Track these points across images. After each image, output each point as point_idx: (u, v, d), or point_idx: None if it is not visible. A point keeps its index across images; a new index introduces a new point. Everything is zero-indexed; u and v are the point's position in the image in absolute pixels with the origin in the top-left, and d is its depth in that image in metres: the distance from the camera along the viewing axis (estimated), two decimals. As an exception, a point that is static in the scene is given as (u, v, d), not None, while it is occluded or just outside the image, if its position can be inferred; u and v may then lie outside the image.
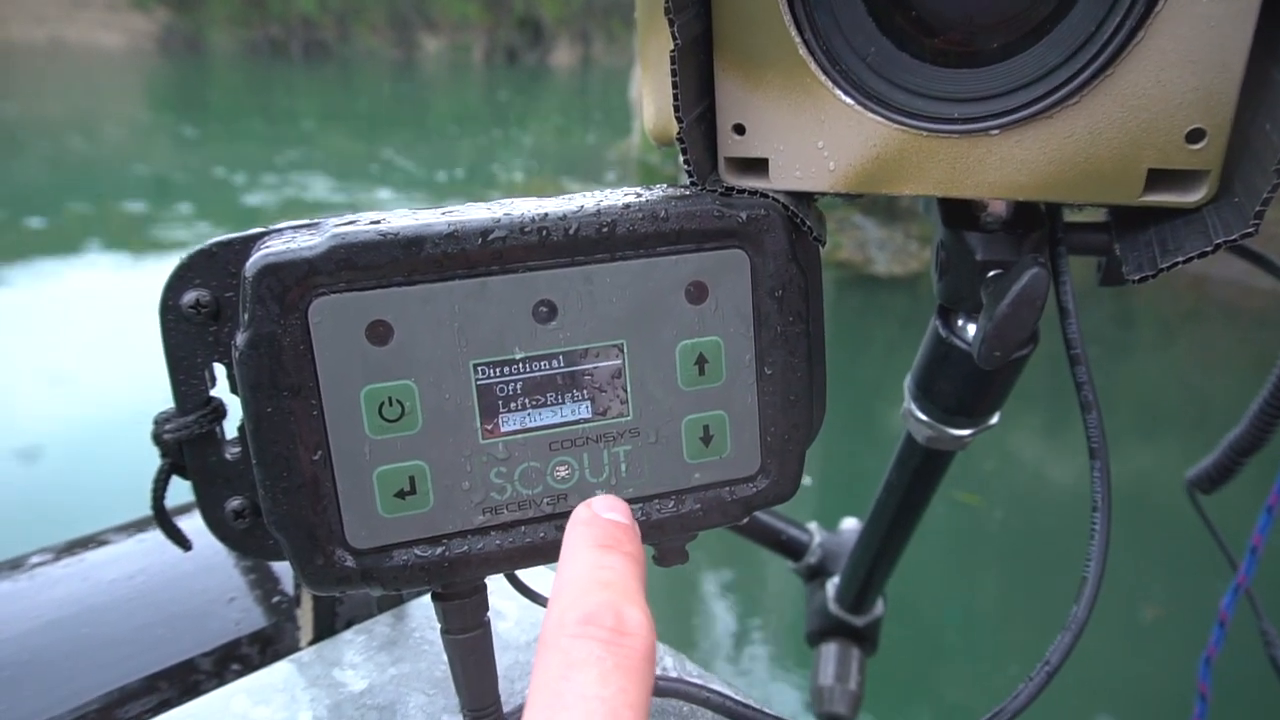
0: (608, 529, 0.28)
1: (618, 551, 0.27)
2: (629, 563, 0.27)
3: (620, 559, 0.27)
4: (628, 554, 0.27)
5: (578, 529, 0.28)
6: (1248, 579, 0.54)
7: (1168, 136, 0.29)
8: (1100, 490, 0.37)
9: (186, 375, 0.32)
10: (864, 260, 5.38)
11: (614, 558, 0.27)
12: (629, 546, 0.27)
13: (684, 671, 0.50)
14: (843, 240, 5.57)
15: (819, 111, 0.33)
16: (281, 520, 0.31)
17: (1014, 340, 0.35)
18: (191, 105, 11.59)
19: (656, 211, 0.32)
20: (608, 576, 0.26)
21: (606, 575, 0.26)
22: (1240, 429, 0.52)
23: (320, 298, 0.30)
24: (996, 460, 3.07)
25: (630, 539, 0.28)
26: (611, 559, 0.26)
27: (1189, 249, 0.29)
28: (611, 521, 0.28)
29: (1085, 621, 0.36)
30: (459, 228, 0.31)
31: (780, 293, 0.34)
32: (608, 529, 0.28)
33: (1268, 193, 0.27)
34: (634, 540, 0.28)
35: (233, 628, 0.53)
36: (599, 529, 0.28)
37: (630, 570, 0.26)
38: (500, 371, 0.32)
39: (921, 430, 0.52)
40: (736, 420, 0.35)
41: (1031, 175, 0.31)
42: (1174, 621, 2.26)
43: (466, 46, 19.62)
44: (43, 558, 0.56)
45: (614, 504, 0.30)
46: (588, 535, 0.28)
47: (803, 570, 0.81)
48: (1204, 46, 0.28)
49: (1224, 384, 3.84)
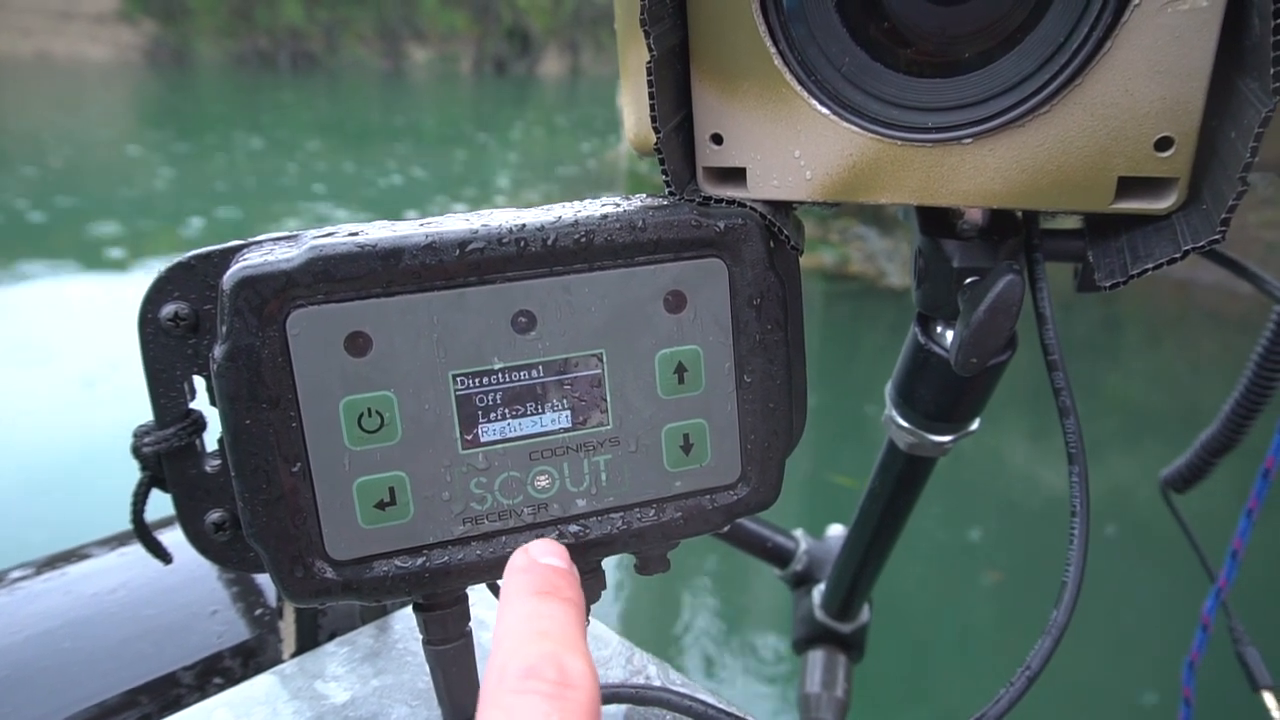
0: (545, 575, 0.27)
1: (556, 598, 0.26)
2: (568, 609, 0.26)
3: (559, 606, 0.26)
4: (567, 600, 0.26)
5: (515, 577, 0.27)
6: (1229, 584, 0.55)
7: (1137, 144, 0.30)
8: (1079, 495, 0.37)
9: (165, 388, 0.32)
10: (877, 273, 5.37)
11: (552, 605, 0.26)
12: (568, 592, 0.27)
13: (668, 680, 0.50)
14: (850, 253, 5.57)
15: (795, 121, 0.33)
16: (261, 532, 0.31)
17: (990, 346, 0.35)
18: (179, 118, 11.56)
19: (634, 221, 0.32)
20: (546, 625, 0.25)
21: (545, 624, 0.25)
22: (1213, 429, 0.53)
23: (298, 310, 0.30)
24: (983, 464, 3.08)
25: (569, 583, 0.27)
26: (550, 607, 0.26)
27: (1159, 255, 0.30)
28: (549, 567, 0.27)
29: (1065, 626, 0.36)
30: (437, 239, 0.31)
31: (758, 301, 0.34)
32: (545, 575, 0.27)
33: (1234, 199, 0.27)
34: (572, 585, 0.27)
35: (215, 640, 0.52)
36: (536, 575, 0.27)
37: (570, 617, 0.25)
38: (479, 382, 0.32)
39: (903, 437, 0.52)
40: (716, 428, 0.35)
41: (1004, 183, 0.32)
42: (1158, 626, 2.27)
43: (455, 57, 19.65)
44: (23, 572, 0.55)
45: (551, 548, 0.29)
46: (525, 583, 0.27)
47: (789, 577, 0.81)
48: (1170, 56, 0.28)
49: (1207, 388, 3.87)
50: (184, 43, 18.89)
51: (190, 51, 18.78)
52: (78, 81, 14.63)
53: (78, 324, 4.23)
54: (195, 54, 18.68)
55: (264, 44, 19.19)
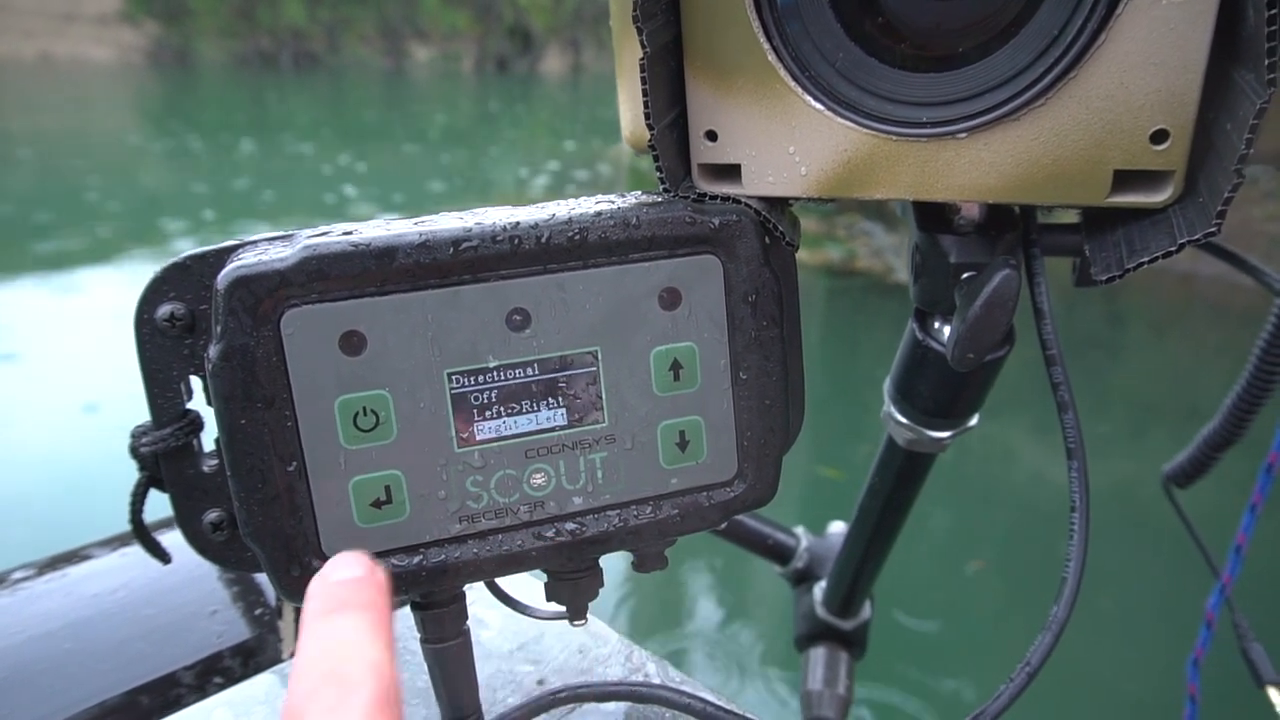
0: (333, 592, 0.27)
1: (345, 610, 0.26)
2: (359, 616, 0.26)
3: (346, 617, 0.26)
4: (358, 606, 0.26)
5: (308, 605, 0.27)
6: (1233, 579, 0.54)
7: (1132, 138, 0.30)
8: (1078, 490, 0.37)
9: (162, 388, 0.32)
10: (884, 269, 5.34)
11: (339, 620, 0.26)
12: (360, 598, 0.26)
13: (668, 678, 0.50)
14: (857, 248, 5.55)
15: (789, 117, 0.33)
16: (257, 531, 0.31)
17: (987, 342, 0.35)
18: (182, 117, 11.58)
19: (628, 218, 0.32)
20: (328, 645, 0.25)
21: (325, 643, 0.25)
22: (1214, 424, 0.52)
23: (293, 309, 0.30)
24: (986, 458, 3.08)
25: (362, 589, 0.27)
26: (336, 623, 0.25)
27: (1155, 249, 0.30)
28: (338, 582, 0.27)
29: (1065, 621, 0.36)
30: (431, 237, 0.31)
31: (754, 298, 0.34)
32: (333, 592, 0.27)
33: (1229, 191, 0.27)
34: (367, 589, 0.27)
35: (215, 640, 0.53)
36: (324, 598, 0.27)
37: (358, 623, 0.25)
38: (475, 380, 0.32)
39: (901, 433, 0.52)
40: (712, 425, 0.35)
41: (1000, 178, 0.32)
42: (1161, 622, 2.26)
43: (456, 56, 19.65)
44: (25, 573, 0.55)
45: (344, 561, 0.28)
46: (315, 609, 0.26)
47: (790, 575, 0.81)
48: (1165, 48, 0.28)
49: (1209, 382, 3.85)
50: (186, 43, 18.92)
51: (192, 52, 18.80)
52: (79, 83, 14.65)
53: (79, 325, 4.24)
54: (197, 54, 18.69)
55: (266, 44, 19.21)
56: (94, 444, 3.03)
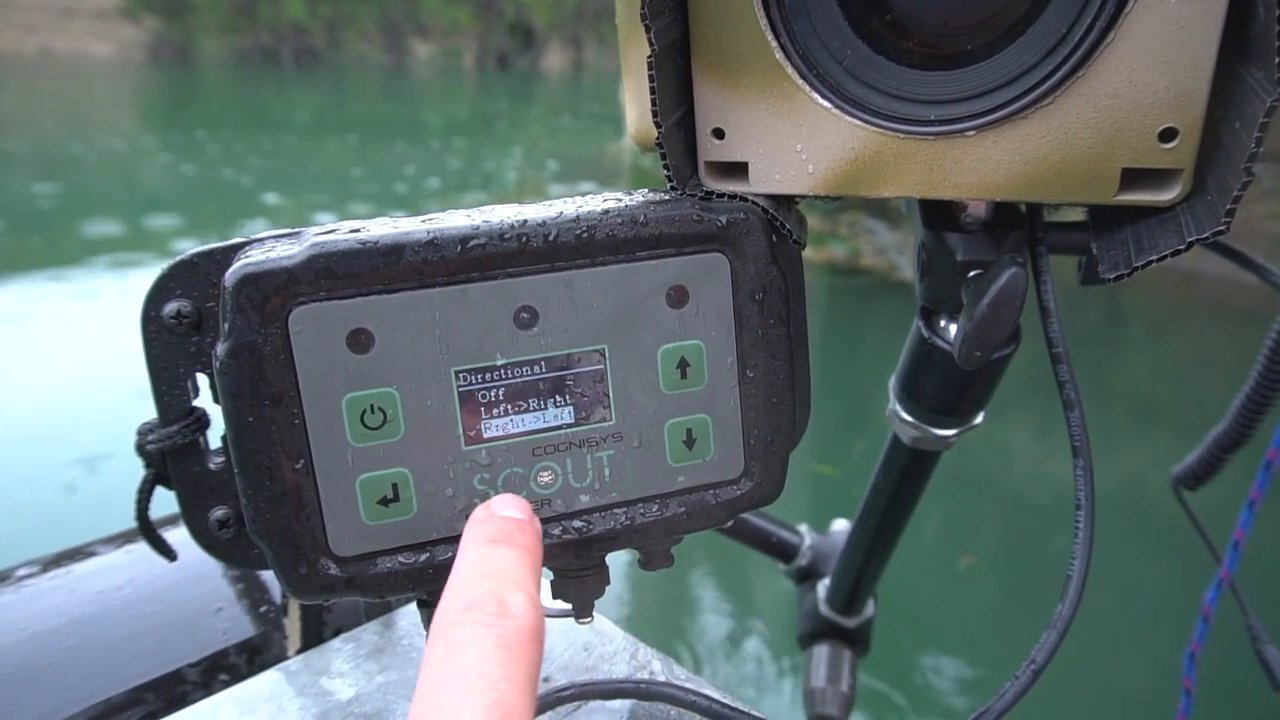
0: (501, 525, 0.28)
1: (507, 545, 0.27)
2: (519, 553, 0.27)
3: (509, 551, 0.27)
4: (519, 546, 0.27)
5: (472, 529, 0.28)
6: (1231, 574, 0.54)
7: (1140, 136, 0.30)
8: (1083, 488, 0.37)
9: (169, 385, 0.32)
10: (889, 267, 5.33)
11: (502, 551, 0.27)
12: (521, 539, 0.28)
13: (673, 675, 0.50)
14: (861, 247, 5.54)
15: (797, 115, 0.33)
16: (265, 529, 0.31)
17: (994, 340, 0.35)
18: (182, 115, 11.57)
19: (636, 216, 0.32)
20: (492, 568, 0.26)
21: (491, 567, 0.26)
22: (1224, 425, 0.52)
23: (300, 306, 0.30)
24: (980, 454, 3.07)
25: (524, 531, 0.28)
26: (499, 552, 0.27)
27: (1163, 247, 0.29)
28: (505, 518, 0.29)
29: (1070, 619, 0.36)
30: (438, 235, 0.31)
31: (761, 296, 0.34)
32: (501, 525, 0.28)
33: (1239, 190, 0.27)
34: (528, 533, 0.28)
35: (220, 637, 0.53)
36: (492, 526, 0.28)
37: (519, 559, 0.27)
38: (482, 378, 0.32)
39: (907, 431, 0.52)
40: (719, 423, 0.35)
41: (1007, 176, 0.31)
42: (1161, 618, 2.26)
43: (458, 52, 19.63)
44: (30, 570, 0.55)
45: (510, 501, 0.30)
46: (480, 533, 0.28)
47: (793, 572, 0.81)
48: (1174, 46, 0.28)
49: (1213, 380, 3.85)
50: (187, 39, 18.90)
51: (193, 48, 18.78)
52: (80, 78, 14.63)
53: (76, 324, 4.24)
54: (198, 50, 18.68)
55: (267, 40, 19.19)
56: (94, 443, 3.03)
